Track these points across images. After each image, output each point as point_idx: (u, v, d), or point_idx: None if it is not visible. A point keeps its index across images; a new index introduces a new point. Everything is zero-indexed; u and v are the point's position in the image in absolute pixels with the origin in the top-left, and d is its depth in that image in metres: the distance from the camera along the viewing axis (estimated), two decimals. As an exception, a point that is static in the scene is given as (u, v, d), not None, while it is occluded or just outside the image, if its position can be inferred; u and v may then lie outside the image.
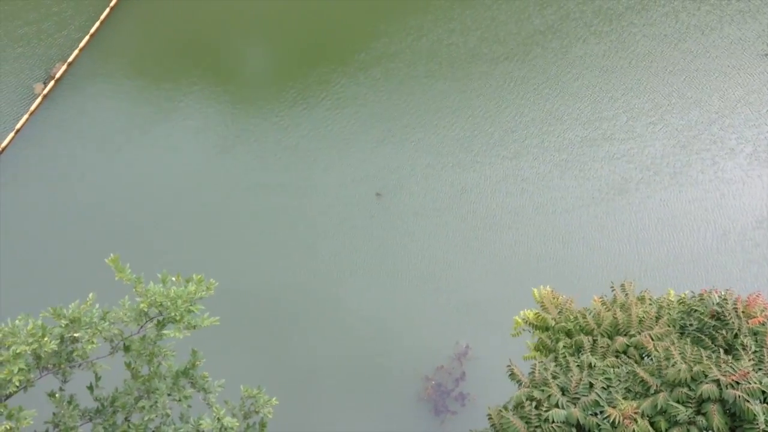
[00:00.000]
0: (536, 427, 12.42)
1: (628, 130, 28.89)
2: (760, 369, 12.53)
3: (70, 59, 30.22)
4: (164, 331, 12.11)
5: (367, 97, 29.60)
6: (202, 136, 28.52)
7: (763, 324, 13.79)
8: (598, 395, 12.68)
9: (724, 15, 31.76)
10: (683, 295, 15.89)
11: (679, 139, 28.68)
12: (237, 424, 12.74)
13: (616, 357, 14.34)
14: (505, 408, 13.57)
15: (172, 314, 11.69)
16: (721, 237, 26.46)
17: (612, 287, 16.12)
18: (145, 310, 11.90)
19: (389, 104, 29.51)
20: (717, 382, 12.07)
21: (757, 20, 31.37)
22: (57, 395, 12.62)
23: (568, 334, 15.60)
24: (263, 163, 27.82)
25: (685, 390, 12.28)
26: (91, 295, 12.81)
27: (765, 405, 11.85)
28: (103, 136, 28.34)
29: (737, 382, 11.92)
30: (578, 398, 12.71)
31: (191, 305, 12.02)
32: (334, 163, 27.73)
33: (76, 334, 11.87)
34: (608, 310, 15.32)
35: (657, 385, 12.70)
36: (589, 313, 15.55)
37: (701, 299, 14.91)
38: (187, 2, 32.66)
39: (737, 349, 13.58)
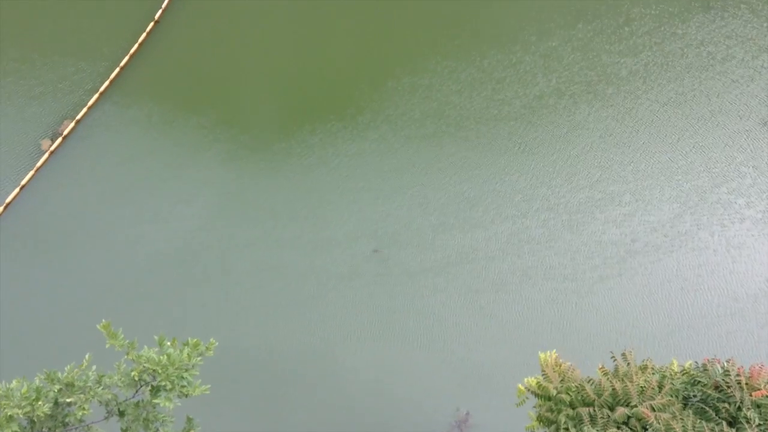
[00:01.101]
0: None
1: (636, 193, 28.95)
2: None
3: (79, 116, 31.02)
4: (155, 400, 12.06)
5: (373, 154, 30.02)
6: (203, 194, 28.97)
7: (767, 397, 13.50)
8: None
9: (729, 81, 32.12)
10: (687, 365, 15.63)
11: (687, 202, 28.66)
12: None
13: (618, 429, 14.06)
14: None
15: (163, 382, 11.67)
16: (732, 302, 26.15)
17: (613, 357, 15.90)
18: (136, 378, 11.89)
19: (395, 162, 29.87)
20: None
21: (761, 86, 31.69)
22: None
23: (570, 404, 15.34)
24: (260, 220, 28.13)
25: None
26: (87, 356, 12.84)
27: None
28: (108, 193, 28.86)
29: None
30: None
31: (184, 371, 12.00)
32: (337, 220, 27.97)
33: (68, 399, 11.87)
34: (609, 380, 15.09)
35: (657, 460, 12.40)
36: (591, 383, 15.31)
37: (705, 369, 14.67)
38: (195, 64, 33.54)
39: (741, 422, 13.29)
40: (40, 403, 11.70)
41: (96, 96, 31.80)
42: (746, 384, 13.73)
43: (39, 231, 27.87)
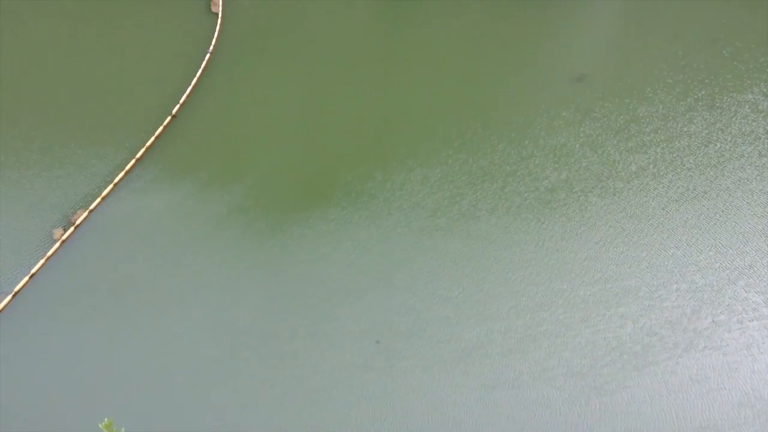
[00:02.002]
0: None
1: (652, 289, 28.58)
2: None
3: (92, 206, 31.20)
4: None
5: (386, 243, 29.87)
6: (214, 282, 28.66)
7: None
8: None
9: (737, 179, 32.40)
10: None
11: (703, 298, 28.24)
12: None
13: None
14: None
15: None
16: (756, 402, 25.23)
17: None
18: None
19: (408, 252, 29.68)
20: None
21: (771, 183, 31.97)
22: None
23: None
24: (271, 310, 27.69)
25: None
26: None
27: None
28: (116, 283, 28.58)
29: None
30: None
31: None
32: (348, 311, 27.48)
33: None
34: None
35: None
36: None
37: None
38: (209, 157, 34.05)
39: None
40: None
41: (110, 187, 32.15)
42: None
43: (45, 320, 27.42)
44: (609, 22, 49.35)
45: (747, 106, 36.45)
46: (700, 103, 37.20)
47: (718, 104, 37.36)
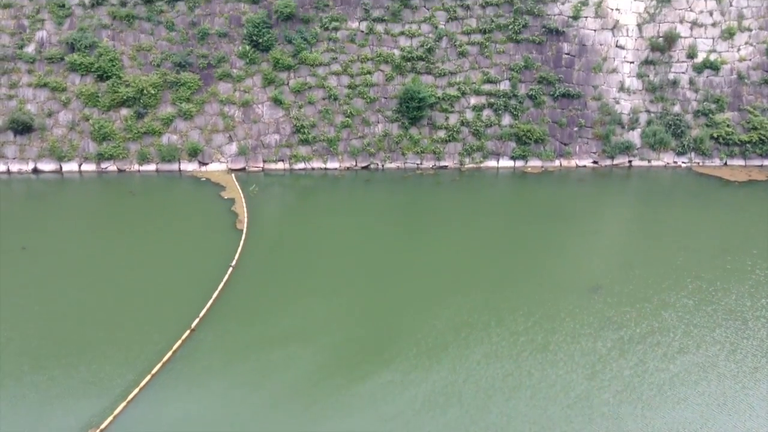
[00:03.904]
0: None
1: None
2: None
3: (103, 425, 29.73)
4: None
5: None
6: None
7: None
8: None
9: (764, 390, 31.34)
10: None
11: None
12: None
13: None
14: None
15: None
16: None
17: None
18: None
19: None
20: None
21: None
22: None
23: None
24: None
25: None
26: None
27: None
28: None
29: None
30: None
31: None
32: None
33: None
34: None
35: None
36: None
37: None
38: (225, 370, 33.22)
39: None
40: None
41: (123, 404, 30.95)
42: None
43: None
44: (617, 236, 51.16)
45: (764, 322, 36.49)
46: (719, 313, 37.17)
47: (739, 313, 37.29)
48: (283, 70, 67.19)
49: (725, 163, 66.23)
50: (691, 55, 68.79)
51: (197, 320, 36.19)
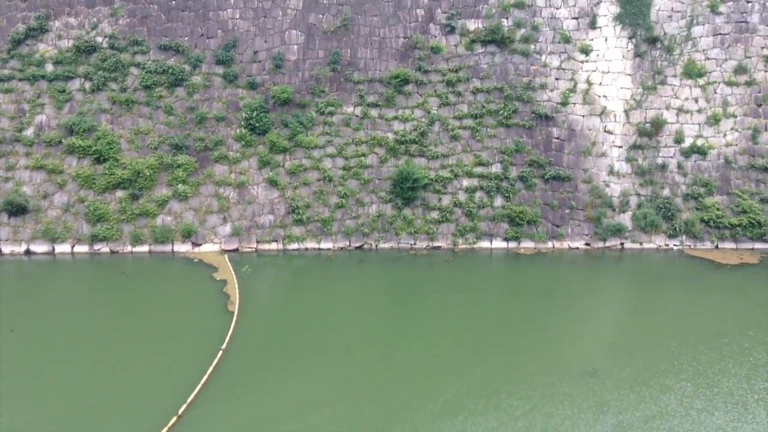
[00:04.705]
0: None
1: None
2: None
3: None
4: None
5: None
6: None
7: None
8: None
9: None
10: None
11: None
12: None
13: None
14: None
15: None
16: None
17: None
18: None
19: None
20: None
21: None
22: None
23: None
24: None
25: None
26: None
27: None
28: None
29: None
30: None
31: None
32: None
33: None
34: None
35: None
36: None
37: None
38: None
39: None
40: None
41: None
42: None
43: None
44: (611, 318, 50.76)
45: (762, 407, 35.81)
46: (718, 397, 36.49)
47: (739, 396, 36.61)
48: (279, 152, 68.35)
49: (716, 246, 66.62)
50: (679, 140, 70.49)
51: (185, 406, 35.18)
